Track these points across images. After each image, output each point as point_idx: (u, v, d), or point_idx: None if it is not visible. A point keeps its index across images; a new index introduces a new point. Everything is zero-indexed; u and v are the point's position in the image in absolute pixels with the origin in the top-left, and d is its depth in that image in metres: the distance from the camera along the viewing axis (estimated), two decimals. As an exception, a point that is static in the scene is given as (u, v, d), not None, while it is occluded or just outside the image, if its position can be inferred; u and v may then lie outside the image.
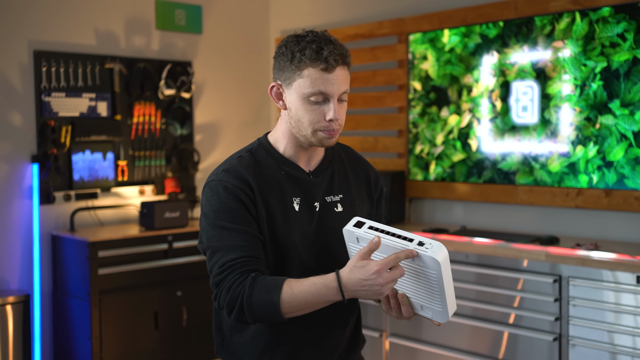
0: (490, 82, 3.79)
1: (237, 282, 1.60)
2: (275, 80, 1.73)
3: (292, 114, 1.70)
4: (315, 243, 1.75)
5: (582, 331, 3.03)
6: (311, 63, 1.64)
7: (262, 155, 1.78)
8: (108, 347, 3.81)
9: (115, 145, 4.31)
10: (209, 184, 1.71)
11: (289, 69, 1.67)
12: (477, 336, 3.38)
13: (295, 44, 1.66)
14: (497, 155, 3.79)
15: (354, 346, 1.89)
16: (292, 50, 1.66)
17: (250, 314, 1.59)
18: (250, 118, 5.07)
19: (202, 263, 4.20)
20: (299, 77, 1.66)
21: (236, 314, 1.60)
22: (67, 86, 4.11)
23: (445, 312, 1.59)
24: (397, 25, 4.23)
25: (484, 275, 3.35)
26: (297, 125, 1.71)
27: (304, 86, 1.66)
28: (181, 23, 4.66)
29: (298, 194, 1.75)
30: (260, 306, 1.57)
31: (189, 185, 4.62)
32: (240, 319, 1.62)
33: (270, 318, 1.60)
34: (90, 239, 3.77)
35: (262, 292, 1.57)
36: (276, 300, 1.56)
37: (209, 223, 1.67)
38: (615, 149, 3.34)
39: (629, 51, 3.28)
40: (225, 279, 1.62)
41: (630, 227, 3.37)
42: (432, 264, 1.52)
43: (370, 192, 1.90)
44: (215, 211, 1.67)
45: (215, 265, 1.64)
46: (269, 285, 1.58)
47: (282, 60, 1.69)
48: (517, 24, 3.67)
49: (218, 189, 1.68)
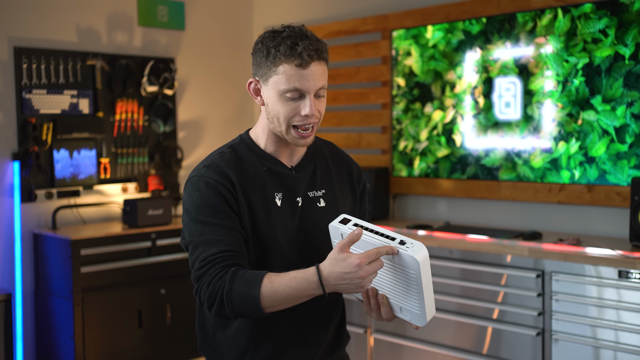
0: (473, 78, 3.80)
1: (218, 277, 1.59)
2: (254, 76, 1.73)
3: (269, 110, 1.70)
4: (298, 238, 1.74)
5: (565, 326, 3.05)
6: (286, 59, 1.63)
7: (243, 151, 1.77)
8: (91, 345, 3.78)
9: (97, 142, 4.28)
10: (191, 180, 1.71)
11: (265, 65, 1.67)
12: (461, 331, 3.39)
13: (270, 40, 1.66)
14: (481, 151, 3.81)
15: (338, 342, 1.89)
16: (267, 46, 1.66)
17: (231, 308, 1.58)
18: (234, 115, 5.05)
19: (185, 260, 4.18)
20: (274, 73, 1.65)
21: (216, 308, 1.59)
22: (48, 83, 4.07)
23: (423, 316, 1.59)
24: (381, 22, 4.23)
25: (467, 270, 3.36)
26: (273, 120, 1.70)
27: (280, 82, 1.65)
28: (163, 19, 4.63)
29: (280, 189, 1.75)
30: (240, 300, 1.56)
31: (173, 182, 4.60)
32: (220, 314, 1.60)
33: (250, 312, 1.59)
34: (73, 237, 3.74)
35: (242, 286, 1.56)
36: (256, 294, 1.55)
37: (190, 218, 1.67)
38: (597, 144, 3.37)
39: (610, 47, 3.30)
40: (205, 273, 1.61)
41: (612, 222, 3.40)
42: (411, 263, 1.52)
43: (354, 188, 1.90)
44: (197, 206, 1.66)
45: (196, 260, 1.64)
46: (249, 279, 1.57)
47: (259, 57, 1.68)
48: (500, 21, 3.68)
49: (199, 185, 1.68)
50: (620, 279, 2.89)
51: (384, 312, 1.65)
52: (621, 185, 3.30)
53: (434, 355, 3.48)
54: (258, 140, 1.78)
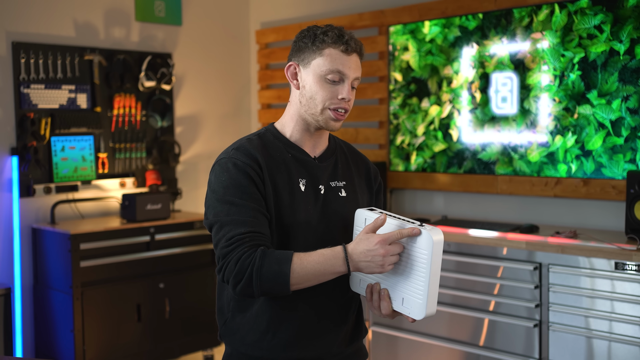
0: (470, 73, 3.83)
1: (247, 254, 1.63)
2: (293, 60, 1.81)
3: (305, 92, 1.78)
4: (320, 225, 1.79)
5: (562, 317, 3.08)
6: (333, 44, 1.75)
7: (269, 139, 1.83)
8: (90, 339, 3.80)
9: (95, 137, 4.29)
10: (219, 161, 1.75)
11: (309, 49, 1.77)
12: (457, 324, 3.43)
13: (317, 28, 1.78)
14: (477, 146, 3.84)
15: (356, 334, 1.94)
16: (314, 32, 1.77)
17: (258, 285, 1.62)
18: (231, 110, 5.07)
19: (184, 255, 4.20)
20: (319, 56, 1.75)
21: (243, 285, 1.63)
22: (46, 78, 4.08)
23: (424, 307, 1.63)
24: (378, 17, 4.25)
25: (464, 263, 3.39)
26: (308, 103, 1.78)
27: (323, 64, 1.75)
28: (161, 14, 4.64)
29: (304, 176, 1.81)
30: (270, 277, 1.62)
31: (170, 177, 4.61)
32: (245, 291, 1.64)
33: (277, 290, 1.63)
34: (72, 231, 3.75)
35: (273, 264, 1.62)
36: (287, 271, 1.62)
37: (217, 199, 1.71)
38: (594, 138, 3.40)
39: (605, 42, 3.33)
40: (233, 251, 1.65)
41: (608, 215, 3.44)
42: (427, 242, 1.60)
43: (370, 184, 1.97)
44: (225, 187, 1.71)
45: (222, 239, 1.67)
46: (279, 257, 1.63)
47: (303, 42, 1.78)
48: (497, 16, 3.71)
49: (228, 166, 1.72)
50: (617, 270, 2.92)
51: (384, 307, 1.70)
52: (617, 179, 3.34)
53: (430, 347, 3.51)
54: (284, 130, 1.85)
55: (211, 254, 4.35)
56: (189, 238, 4.23)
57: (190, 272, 4.23)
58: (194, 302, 4.23)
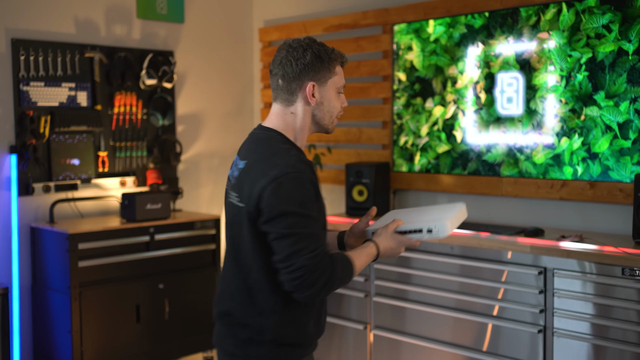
0: (475, 73, 3.77)
1: (329, 263, 1.88)
2: (310, 80, 1.96)
3: (324, 106, 1.99)
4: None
5: (567, 323, 3.02)
6: (338, 61, 1.99)
7: (298, 150, 1.99)
8: (89, 340, 3.76)
9: (95, 135, 4.24)
10: (288, 174, 1.84)
11: (324, 69, 1.96)
12: (461, 328, 3.37)
13: (321, 46, 1.97)
14: (482, 147, 3.77)
15: None
16: (327, 53, 1.97)
17: (333, 287, 1.90)
18: (234, 109, 5.02)
19: (184, 255, 4.15)
20: (333, 74, 1.98)
21: (326, 289, 1.87)
22: (46, 75, 4.03)
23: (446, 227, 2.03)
24: (382, 16, 4.19)
25: (468, 267, 3.34)
26: (324, 115, 2.00)
27: (338, 81, 2.00)
28: (163, 12, 4.59)
29: None
30: (344, 281, 1.93)
31: (171, 176, 4.56)
32: (321, 293, 1.87)
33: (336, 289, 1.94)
34: (70, 231, 3.71)
35: (345, 269, 1.93)
36: (352, 273, 1.96)
37: (294, 212, 1.84)
38: (600, 140, 3.34)
39: (614, 42, 3.27)
40: (320, 262, 1.85)
41: (615, 219, 3.37)
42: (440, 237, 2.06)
43: None
44: (301, 202, 1.85)
45: (305, 249, 1.83)
46: (344, 262, 1.93)
47: (317, 63, 1.95)
48: (503, 15, 3.64)
49: (301, 181, 1.86)
50: (623, 276, 2.86)
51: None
52: (624, 182, 3.28)
53: (433, 352, 3.46)
54: (297, 142, 2.00)
55: (212, 255, 4.30)
56: (189, 238, 4.18)
57: (190, 272, 4.18)
58: (193, 303, 4.18)
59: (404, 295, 3.60)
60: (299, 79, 1.95)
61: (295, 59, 1.94)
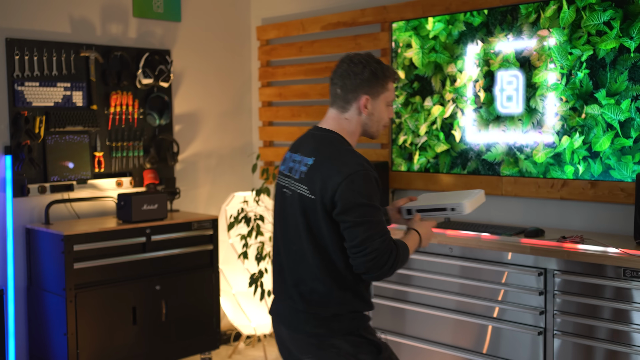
0: (474, 72, 3.72)
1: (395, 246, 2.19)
2: (365, 94, 2.24)
3: (374, 117, 2.28)
4: None
5: (568, 325, 2.98)
6: (391, 79, 2.29)
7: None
8: (84, 342, 3.72)
9: (91, 135, 4.20)
10: (357, 172, 2.13)
11: (378, 85, 2.25)
12: (461, 330, 3.33)
13: (377, 64, 2.24)
14: (482, 146, 3.73)
15: None
16: (382, 71, 2.25)
17: (395, 269, 2.19)
18: (231, 108, 4.97)
19: (181, 256, 4.11)
20: (385, 90, 2.27)
21: (392, 270, 2.17)
22: (41, 75, 3.99)
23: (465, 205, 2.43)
24: (380, 13, 4.14)
25: (467, 268, 3.29)
26: (374, 124, 2.29)
27: (389, 96, 2.29)
28: (159, 10, 4.54)
29: None
30: (403, 263, 2.22)
31: (168, 176, 4.52)
32: (388, 274, 2.17)
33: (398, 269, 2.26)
34: (66, 232, 3.67)
35: (404, 257, 2.23)
36: (408, 257, 2.26)
37: (364, 203, 2.13)
38: (602, 139, 3.29)
39: (615, 40, 3.22)
40: (389, 245, 2.16)
41: (616, 219, 3.32)
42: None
43: None
44: (369, 195, 2.14)
45: (377, 235, 2.13)
46: (403, 247, 2.23)
47: (372, 79, 2.23)
48: (502, 12, 3.60)
49: (369, 177, 2.16)
50: (624, 277, 2.82)
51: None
52: (625, 181, 3.23)
53: (433, 354, 3.41)
54: (351, 142, 2.30)
55: (209, 255, 4.26)
56: (186, 239, 4.14)
57: (188, 273, 4.14)
58: (191, 304, 4.14)
59: (403, 296, 3.55)
60: (356, 91, 2.24)
61: (354, 74, 2.22)
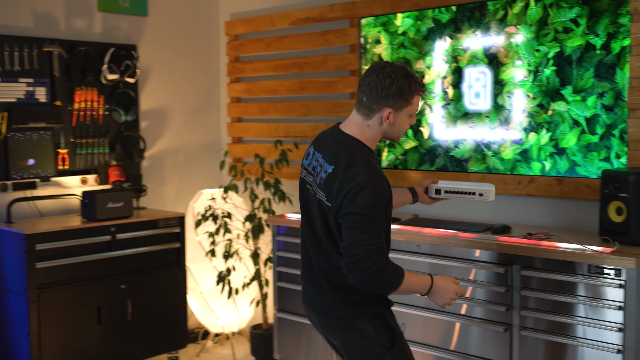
0: (443, 68, 3.71)
1: (380, 262, 2.19)
2: (389, 107, 2.31)
3: (395, 127, 2.36)
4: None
5: (533, 321, 2.98)
6: (417, 93, 2.35)
7: (375, 156, 2.36)
8: (48, 343, 3.65)
9: (55, 132, 4.11)
10: (365, 184, 2.20)
11: (402, 99, 2.30)
12: (429, 328, 3.32)
13: (405, 79, 2.29)
14: (450, 143, 3.72)
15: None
16: (409, 86, 2.30)
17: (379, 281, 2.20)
18: (199, 104, 4.92)
19: (147, 254, 4.05)
20: (409, 104, 2.34)
21: (375, 279, 2.19)
22: (3, 70, 3.90)
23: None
24: (349, 9, 4.12)
25: (436, 265, 3.28)
26: (394, 132, 2.37)
27: (412, 109, 2.36)
28: (125, 4, 4.46)
29: None
30: (389, 284, 2.24)
31: (135, 173, 4.45)
32: (373, 284, 2.19)
33: (385, 292, 2.33)
34: (27, 231, 3.59)
35: (393, 273, 2.23)
36: (399, 282, 2.24)
37: (363, 213, 2.19)
38: (568, 135, 3.30)
39: (581, 37, 3.22)
40: (374, 254, 2.18)
41: (582, 215, 3.34)
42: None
43: None
44: (371, 208, 2.19)
45: (362, 242, 2.17)
46: (396, 269, 2.24)
47: (399, 94, 2.29)
48: (470, 9, 3.59)
49: (376, 191, 2.21)
50: (589, 274, 2.82)
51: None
52: (591, 178, 3.24)
53: (401, 352, 3.40)
54: (372, 146, 2.37)
55: (176, 253, 4.20)
56: (152, 237, 4.08)
57: (154, 272, 4.09)
58: (157, 303, 4.09)
59: (371, 294, 3.53)
60: (380, 103, 2.30)
61: (381, 87, 2.28)
